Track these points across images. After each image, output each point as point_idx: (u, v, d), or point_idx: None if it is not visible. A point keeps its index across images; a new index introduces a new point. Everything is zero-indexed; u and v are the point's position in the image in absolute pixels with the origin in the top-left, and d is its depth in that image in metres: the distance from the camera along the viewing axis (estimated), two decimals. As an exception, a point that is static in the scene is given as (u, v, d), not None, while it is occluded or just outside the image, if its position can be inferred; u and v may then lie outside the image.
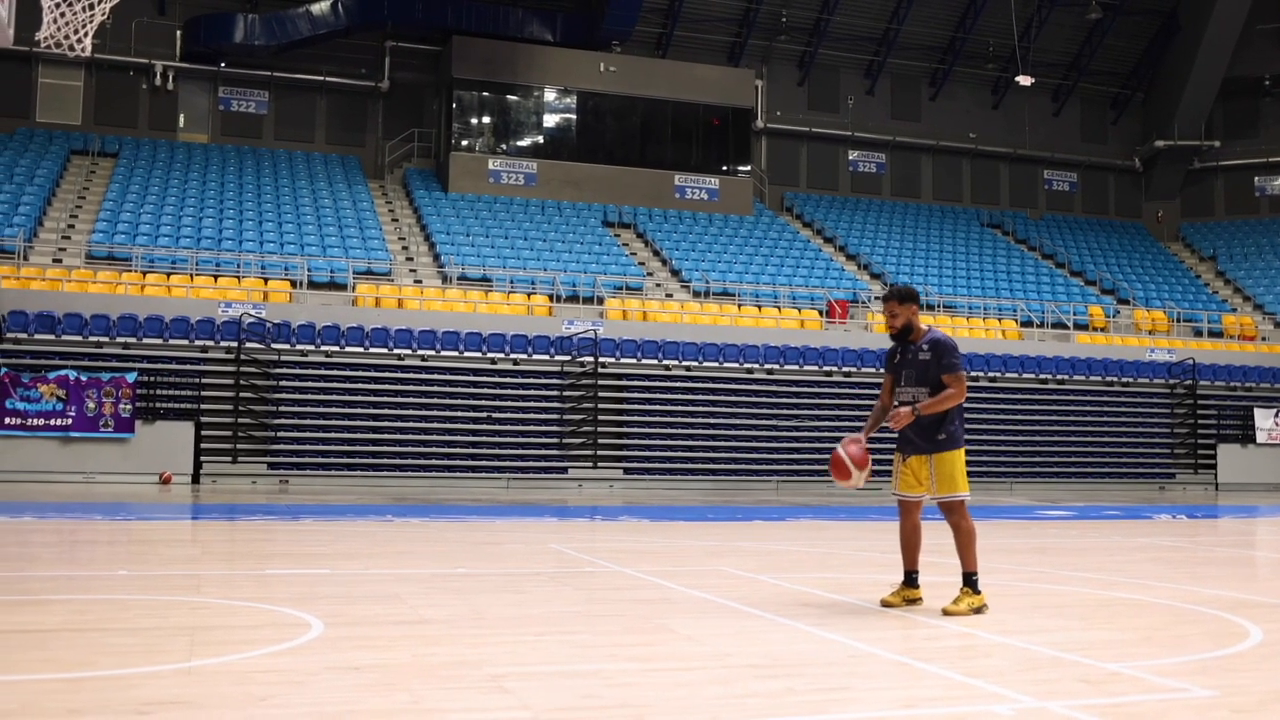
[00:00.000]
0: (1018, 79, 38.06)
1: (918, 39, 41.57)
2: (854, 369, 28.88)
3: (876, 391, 30.40)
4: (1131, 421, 31.15)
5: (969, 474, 7.95)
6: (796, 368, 28.58)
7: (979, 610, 7.61)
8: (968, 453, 7.99)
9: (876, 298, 34.20)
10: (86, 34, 7.89)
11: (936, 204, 42.56)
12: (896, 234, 39.35)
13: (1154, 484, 30.65)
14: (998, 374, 30.02)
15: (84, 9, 7.72)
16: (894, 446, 8.08)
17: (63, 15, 7.82)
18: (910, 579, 7.95)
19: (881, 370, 28.43)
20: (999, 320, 33.82)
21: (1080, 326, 34.68)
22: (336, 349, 25.70)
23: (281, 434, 25.01)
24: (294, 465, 24.81)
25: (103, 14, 7.81)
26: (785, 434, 28.09)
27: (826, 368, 28.77)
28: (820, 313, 31.80)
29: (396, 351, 26.01)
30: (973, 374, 28.79)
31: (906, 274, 35.80)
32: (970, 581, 7.69)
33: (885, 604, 7.86)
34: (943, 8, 41.08)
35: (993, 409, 29.31)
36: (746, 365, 28.24)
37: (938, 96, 42.93)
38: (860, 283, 34.92)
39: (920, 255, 37.84)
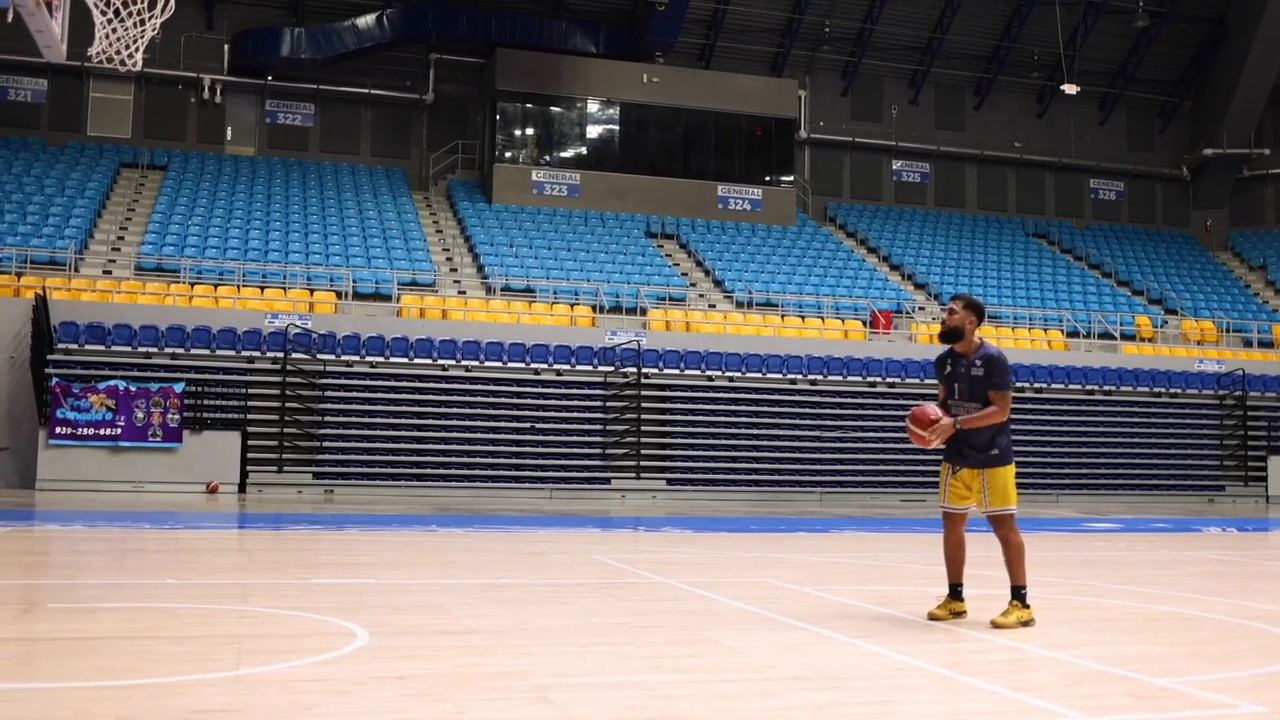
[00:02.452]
0: (1063, 87, 37.86)
1: (962, 48, 41.37)
2: (898, 380, 28.73)
3: (920, 402, 30.08)
4: (1180, 433, 30.78)
5: (1016, 485, 7.91)
6: (840, 378, 28.46)
7: (1027, 624, 7.56)
8: (1015, 463, 7.95)
9: (920, 308, 34.04)
10: (137, 49, 8.00)
11: (981, 214, 42.32)
12: (941, 244, 39.14)
13: (1203, 496, 30.27)
14: (1043, 385, 29.76)
15: (135, 24, 7.83)
16: (941, 458, 8.03)
17: (114, 31, 7.94)
18: (955, 592, 7.90)
19: (924, 380, 28.39)
20: (1045, 330, 33.55)
21: (1127, 337, 34.34)
22: (381, 359, 25.84)
23: (327, 444, 25.17)
24: (339, 475, 24.96)
25: (153, 29, 7.91)
26: (829, 445, 27.96)
27: (870, 378, 28.63)
28: (864, 323, 31.66)
29: (440, 362, 26.13)
30: (1018, 385, 28.56)
31: (951, 284, 35.60)
32: (1019, 595, 7.66)
33: (931, 617, 7.81)
34: (987, 16, 40.87)
35: (1039, 420, 29.05)
36: (790, 376, 28.15)
37: (982, 106, 42.70)
38: (904, 293, 34.76)
39: (965, 265, 37.63)
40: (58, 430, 23.11)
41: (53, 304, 24.71)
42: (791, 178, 39.13)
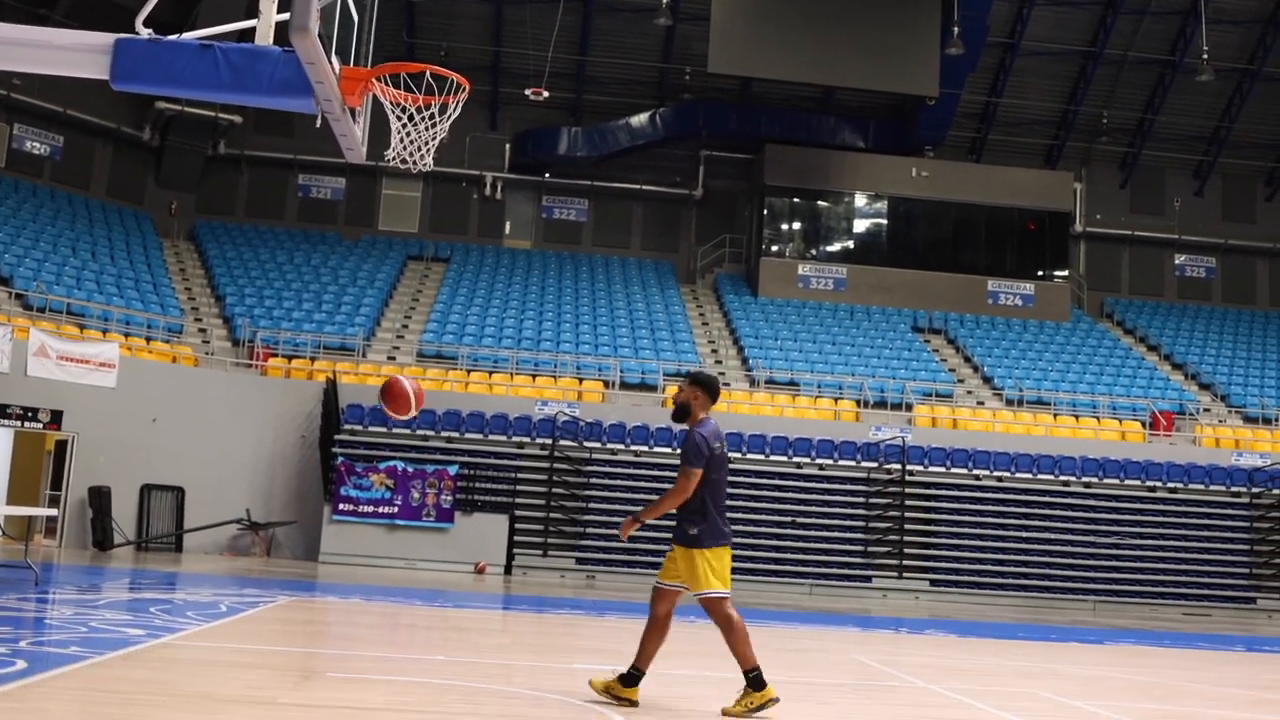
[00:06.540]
0: (1367, 178, 35.51)
1: (1252, 137, 39.36)
2: (1180, 485, 27.21)
3: (1205, 508, 28.38)
4: None
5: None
6: (1116, 481, 27.18)
7: (764, 707, 7.36)
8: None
9: (1206, 409, 32.26)
10: (429, 151, 8.53)
11: (1274, 310, 39.89)
12: (1229, 342, 37.06)
13: None
14: (1346, 495, 27.59)
15: (427, 128, 8.36)
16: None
17: (408, 135, 8.49)
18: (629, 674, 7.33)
19: (1209, 486, 26.82)
20: (1347, 437, 31.20)
21: None
22: (645, 449, 26.23)
23: (590, 530, 25.64)
24: (601, 561, 25.33)
25: (443, 133, 8.44)
26: (1103, 551, 26.65)
27: (1150, 482, 27.22)
28: (1143, 424, 30.21)
29: (703, 453, 26.24)
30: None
31: (1240, 385, 33.64)
32: (750, 679, 7.51)
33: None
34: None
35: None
36: (1062, 477, 27.07)
37: (1275, 196, 40.47)
38: (1187, 394, 33.01)
39: (1255, 365, 35.48)
40: (341, 506, 24.40)
41: (341, 387, 26.22)
42: (1066, 272, 37.92)
